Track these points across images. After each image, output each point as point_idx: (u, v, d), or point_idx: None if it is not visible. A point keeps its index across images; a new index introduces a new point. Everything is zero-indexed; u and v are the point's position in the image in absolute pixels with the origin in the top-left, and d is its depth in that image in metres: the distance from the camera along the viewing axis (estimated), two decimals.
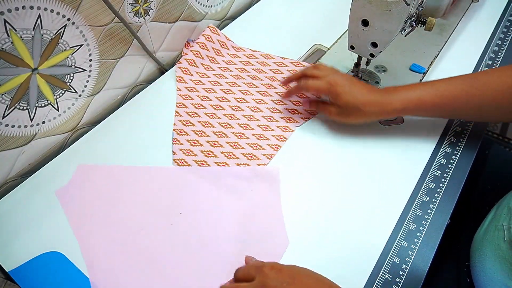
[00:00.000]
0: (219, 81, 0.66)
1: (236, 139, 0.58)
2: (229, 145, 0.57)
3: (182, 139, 0.58)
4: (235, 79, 0.67)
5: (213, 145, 0.57)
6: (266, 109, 0.62)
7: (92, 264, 0.46)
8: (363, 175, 0.54)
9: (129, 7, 0.60)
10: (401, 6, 0.49)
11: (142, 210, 0.51)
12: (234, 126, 0.59)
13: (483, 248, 0.48)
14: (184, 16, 0.71)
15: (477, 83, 0.50)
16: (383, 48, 0.55)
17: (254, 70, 0.68)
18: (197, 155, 0.56)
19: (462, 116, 0.55)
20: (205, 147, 0.57)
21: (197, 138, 0.58)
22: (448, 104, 0.51)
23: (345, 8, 0.54)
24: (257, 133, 0.58)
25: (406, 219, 0.49)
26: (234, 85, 0.66)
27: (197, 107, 0.62)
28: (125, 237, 0.48)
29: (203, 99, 0.63)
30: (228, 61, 0.70)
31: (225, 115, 0.61)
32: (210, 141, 0.57)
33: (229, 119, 0.60)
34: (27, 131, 0.55)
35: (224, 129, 0.59)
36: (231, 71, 0.68)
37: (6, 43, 0.47)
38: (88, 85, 0.60)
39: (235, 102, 0.63)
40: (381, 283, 0.44)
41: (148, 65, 0.69)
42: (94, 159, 0.57)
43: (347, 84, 0.53)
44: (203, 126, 0.59)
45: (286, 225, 0.49)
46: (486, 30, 0.73)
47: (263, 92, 0.64)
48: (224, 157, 0.55)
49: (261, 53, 0.72)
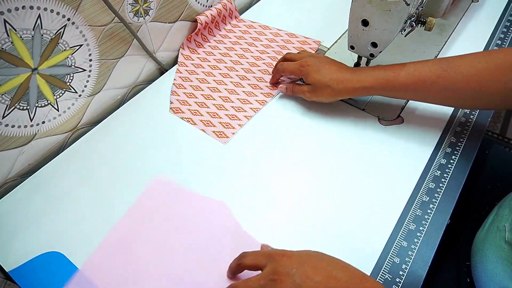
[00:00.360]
0: (218, 51, 0.72)
1: (228, 94, 0.65)
2: (220, 98, 0.64)
3: (180, 91, 0.65)
4: (230, 51, 0.72)
5: (206, 97, 0.64)
6: (253, 77, 0.68)
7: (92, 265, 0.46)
8: (362, 175, 0.54)
9: (129, 7, 0.60)
10: (401, 6, 0.49)
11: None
12: (227, 83, 0.66)
13: (485, 248, 0.48)
14: (184, 16, 0.71)
15: (448, 66, 0.50)
16: (383, 48, 0.55)
17: (251, 38, 0.74)
18: (191, 105, 0.63)
19: (430, 99, 0.54)
20: (199, 99, 0.64)
21: (193, 91, 0.65)
22: (416, 85, 0.51)
23: (345, 8, 0.54)
24: (241, 97, 0.64)
25: (406, 219, 0.49)
26: (227, 55, 0.71)
27: (197, 72, 0.69)
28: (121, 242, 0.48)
29: (203, 72, 0.69)
30: (229, 29, 0.76)
31: (220, 74, 0.68)
32: (204, 95, 0.64)
33: (223, 78, 0.67)
34: (27, 131, 0.55)
35: (218, 85, 0.66)
36: (231, 39, 0.75)
37: (6, 43, 0.47)
38: (88, 85, 0.60)
39: (226, 70, 0.69)
40: (381, 283, 0.44)
41: (148, 65, 0.69)
42: (94, 159, 0.57)
43: (317, 64, 0.56)
44: (200, 82, 0.66)
45: (287, 224, 0.49)
46: (486, 30, 0.73)
47: (252, 63, 0.70)
48: (215, 108, 0.62)
49: (271, 31, 0.76)
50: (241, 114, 0.61)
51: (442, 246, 0.47)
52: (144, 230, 0.49)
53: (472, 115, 0.60)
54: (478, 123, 0.59)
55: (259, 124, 0.61)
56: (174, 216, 0.50)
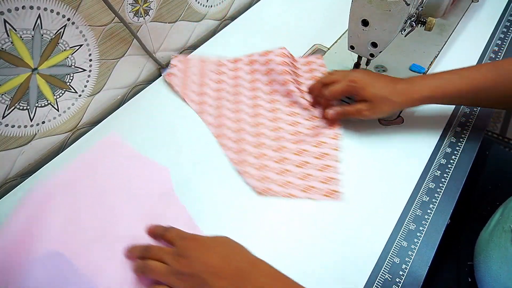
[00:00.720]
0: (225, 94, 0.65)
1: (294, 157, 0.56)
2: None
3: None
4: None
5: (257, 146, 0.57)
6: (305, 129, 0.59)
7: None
8: (362, 175, 0.54)
9: (129, 7, 0.60)
10: (401, 6, 0.49)
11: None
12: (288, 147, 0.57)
13: (489, 249, 0.48)
14: (184, 16, 0.71)
15: (503, 72, 0.50)
16: (383, 48, 0.55)
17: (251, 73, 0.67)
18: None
19: (488, 103, 0.55)
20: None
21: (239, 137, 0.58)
22: (475, 91, 0.51)
23: (345, 8, 0.54)
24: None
25: (406, 219, 0.49)
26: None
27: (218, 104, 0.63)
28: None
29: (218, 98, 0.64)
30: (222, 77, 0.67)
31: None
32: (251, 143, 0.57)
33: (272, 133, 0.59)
34: (27, 131, 0.55)
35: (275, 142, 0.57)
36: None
37: (6, 43, 0.47)
38: (88, 85, 0.60)
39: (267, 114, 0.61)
40: (381, 283, 0.44)
41: (148, 65, 0.69)
42: None
43: (367, 78, 0.54)
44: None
45: (287, 223, 0.49)
46: (486, 30, 0.73)
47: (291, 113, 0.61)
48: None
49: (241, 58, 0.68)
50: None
51: (442, 246, 0.47)
52: (87, 180, 0.51)
53: (472, 115, 0.60)
54: (478, 123, 0.59)
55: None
56: (116, 171, 0.53)
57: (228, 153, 0.56)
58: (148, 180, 0.53)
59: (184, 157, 0.57)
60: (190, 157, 0.57)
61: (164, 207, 0.51)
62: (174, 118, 0.62)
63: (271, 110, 0.62)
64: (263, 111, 0.61)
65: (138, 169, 0.55)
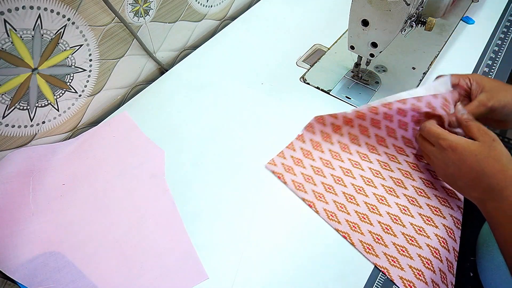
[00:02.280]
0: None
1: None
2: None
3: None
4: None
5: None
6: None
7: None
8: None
9: (129, 7, 0.60)
10: (401, 6, 0.49)
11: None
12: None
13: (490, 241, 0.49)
14: (184, 16, 0.71)
15: None
16: (383, 48, 0.55)
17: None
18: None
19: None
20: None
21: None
22: None
23: (345, 8, 0.54)
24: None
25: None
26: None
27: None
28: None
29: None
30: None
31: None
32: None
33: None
34: (27, 131, 0.55)
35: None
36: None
37: (6, 43, 0.47)
38: (88, 85, 0.60)
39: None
40: (381, 283, 0.44)
41: (148, 65, 0.69)
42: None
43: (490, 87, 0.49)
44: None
45: (287, 223, 0.49)
46: (486, 30, 0.73)
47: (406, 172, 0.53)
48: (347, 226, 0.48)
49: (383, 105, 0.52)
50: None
51: None
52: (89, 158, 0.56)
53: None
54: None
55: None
56: (117, 145, 0.58)
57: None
58: (143, 160, 0.56)
59: (184, 157, 0.57)
60: (190, 157, 0.57)
61: (152, 187, 0.53)
62: (174, 118, 0.62)
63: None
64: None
65: (138, 147, 0.58)
